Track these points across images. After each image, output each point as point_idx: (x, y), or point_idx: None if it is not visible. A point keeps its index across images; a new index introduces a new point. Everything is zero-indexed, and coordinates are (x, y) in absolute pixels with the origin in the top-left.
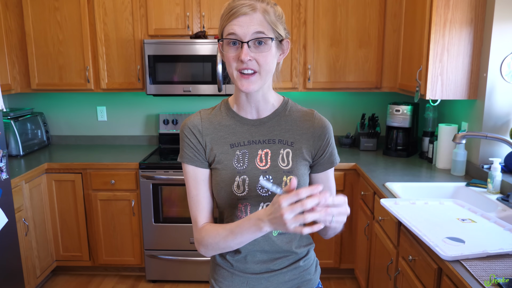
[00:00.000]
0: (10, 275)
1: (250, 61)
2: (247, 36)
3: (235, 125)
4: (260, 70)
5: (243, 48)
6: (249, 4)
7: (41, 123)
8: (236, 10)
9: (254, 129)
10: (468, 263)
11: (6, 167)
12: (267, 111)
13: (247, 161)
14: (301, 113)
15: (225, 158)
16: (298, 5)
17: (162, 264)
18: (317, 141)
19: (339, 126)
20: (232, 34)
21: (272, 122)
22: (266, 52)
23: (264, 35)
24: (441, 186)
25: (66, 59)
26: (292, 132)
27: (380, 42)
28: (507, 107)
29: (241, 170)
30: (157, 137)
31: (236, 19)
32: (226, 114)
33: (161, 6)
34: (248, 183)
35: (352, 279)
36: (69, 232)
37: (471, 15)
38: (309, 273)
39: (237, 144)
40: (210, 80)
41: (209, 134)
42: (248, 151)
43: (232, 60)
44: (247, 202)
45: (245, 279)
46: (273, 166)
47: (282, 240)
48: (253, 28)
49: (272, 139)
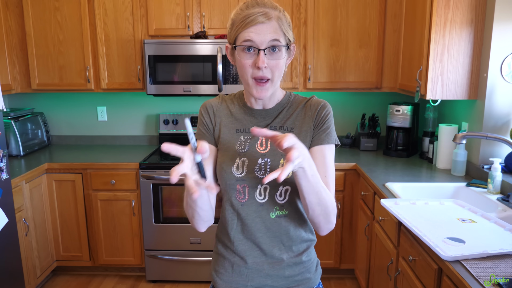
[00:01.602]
0: (10, 275)
1: (266, 68)
2: (264, 44)
3: (245, 114)
4: (273, 77)
5: (259, 55)
6: (264, 12)
7: (42, 123)
8: (253, 18)
9: (259, 118)
10: (468, 263)
11: (7, 167)
12: (272, 102)
13: (248, 145)
14: (302, 100)
15: (228, 141)
16: (298, 5)
17: (162, 264)
18: (314, 118)
19: (339, 126)
20: (248, 41)
21: (275, 112)
22: (280, 59)
23: (279, 42)
24: (441, 186)
25: (66, 59)
26: (292, 119)
27: (380, 42)
28: (507, 107)
29: (241, 152)
30: (157, 137)
31: (253, 27)
32: (238, 104)
33: (162, 6)
34: (247, 165)
35: (352, 279)
36: (69, 232)
37: (471, 15)
38: (309, 271)
39: (241, 130)
40: (210, 80)
41: (221, 116)
42: (250, 137)
43: (248, 66)
44: (245, 183)
45: (246, 270)
46: (272, 149)
47: (280, 225)
48: (269, 36)
49: (273, 125)
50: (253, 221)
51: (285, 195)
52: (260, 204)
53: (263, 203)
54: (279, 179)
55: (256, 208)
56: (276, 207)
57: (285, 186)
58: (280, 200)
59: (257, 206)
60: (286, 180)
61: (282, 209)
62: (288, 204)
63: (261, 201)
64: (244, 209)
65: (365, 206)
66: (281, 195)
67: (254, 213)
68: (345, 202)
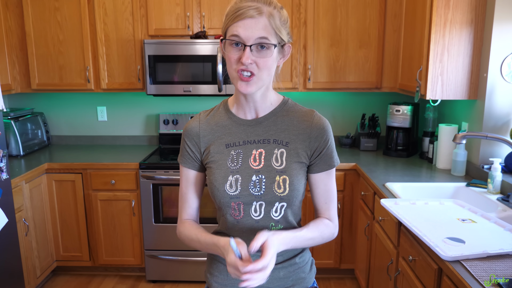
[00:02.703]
0: (10, 275)
1: (251, 64)
2: (250, 40)
3: (232, 126)
4: (259, 73)
5: (245, 51)
6: (256, 7)
7: (41, 123)
8: (242, 11)
9: (250, 129)
10: (468, 263)
11: (6, 167)
12: (265, 110)
13: (241, 161)
14: (300, 113)
15: (219, 158)
16: (298, 5)
17: (162, 264)
18: (313, 142)
19: (339, 126)
20: (235, 36)
21: (268, 122)
22: (267, 57)
23: (267, 40)
24: (441, 186)
25: (66, 59)
26: (288, 132)
27: (380, 42)
28: (507, 107)
29: (234, 169)
30: (157, 137)
31: (242, 21)
32: (224, 115)
33: (161, 6)
34: (240, 182)
35: (352, 279)
36: (69, 232)
37: (471, 15)
38: (304, 271)
39: (232, 144)
40: (210, 80)
41: (206, 135)
42: (242, 151)
43: (233, 60)
44: (239, 201)
45: None
46: (267, 166)
47: None
48: (257, 33)
49: (267, 139)
50: (248, 238)
51: (280, 211)
52: (255, 221)
53: (258, 220)
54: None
55: (252, 226)
56: (271, 223)
57: (281, 203)
58: (275, 216)
59: (253, 223)
60: (282, 197)
61: (278, 224)
62: (283, 219)
63: (257, 218)
64: (240, 226)
65: (365, 206)
66: (276, 211)
67: (249, 230)
68: (345, 202)
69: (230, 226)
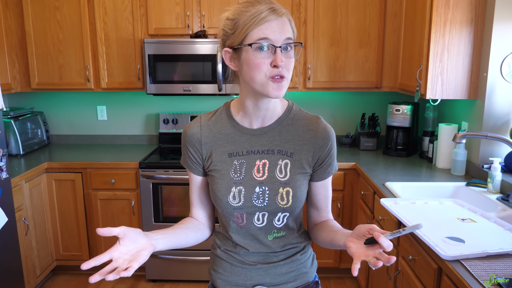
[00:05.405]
0: (10, 275)
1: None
2: (280, 41)
3: (235, 134)
4: (288, 75)
5: (276, 53)
6: (274, 8)
7: (41, 122)
8: (266, 13)
9: (254, 139)
10: (468, 263)
11: (6, 167)
12: (272, 119)
13: (244, 172)
14: (305, 121)
15: (222, 167)
16: (298, 4)
17: (162, 263)
18: (318, 152)
19: (339, 125)
20: (264, 39)
21: (273, 132)
22: (293, 57)
23: (292, 40)
24: (441, 186)
25: (66, 59)
26: (293, 142)
27: (380, 41)
28: (507, 106)
29: (237, 180)
30: (157, 136)
31: (268, 23)
32: (227, 122)
33: (161, 5)
34: (244, 194)
35: (352, 279)
36: (69, 231)
37: (471, 15)
38: (306, 266)
39: (235, 154)
40: (210, 79)
41: (208, 142)
42: (245, 161)
43: (262, 65)
44: (243, 211)
45: (243, 270)
46: (270, 177)
47: (277, 245)
48: (284, 34)
49: (271, 149)
50: (251, 242)
51: (283, 220)
52: (258, 228)
53: (261, 227)
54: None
55: (254, 232)
56: (274, 230)
57: (284, 213)
58: (278, 225)
59: (255, 230)
60: (285, 208)
61: (280, 231)
62: (285, 226)
63: (259, 225)
64: (243, 231)
65: (365, 205)
66: (279, 220)
67: (252, 236)
68: (345, 201)
69: (233, 230)
